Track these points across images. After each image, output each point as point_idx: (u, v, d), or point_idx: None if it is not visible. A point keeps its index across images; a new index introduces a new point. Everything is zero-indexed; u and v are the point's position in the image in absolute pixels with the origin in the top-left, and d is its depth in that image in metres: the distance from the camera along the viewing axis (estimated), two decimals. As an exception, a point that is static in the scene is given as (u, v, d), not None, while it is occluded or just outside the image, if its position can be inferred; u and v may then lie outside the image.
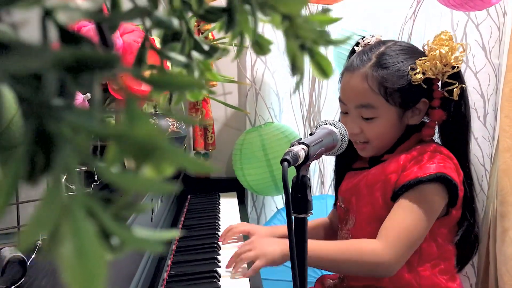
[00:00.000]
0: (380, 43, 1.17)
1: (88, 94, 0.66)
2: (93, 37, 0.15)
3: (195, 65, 0.23)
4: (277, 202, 1.96)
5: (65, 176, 0.15)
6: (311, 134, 0.77)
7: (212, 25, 1.86)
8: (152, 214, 1.08)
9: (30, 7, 0.12)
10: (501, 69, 1.94)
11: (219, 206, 1.68)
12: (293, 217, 0.71)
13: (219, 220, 1.51)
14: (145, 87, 0.90)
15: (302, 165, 0.70)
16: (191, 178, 1.93)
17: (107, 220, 0.13)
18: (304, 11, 1.64)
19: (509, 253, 1.79)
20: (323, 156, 1.92)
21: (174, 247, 1.26)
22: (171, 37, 0.21)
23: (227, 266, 1.08)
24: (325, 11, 0.21)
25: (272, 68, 1.93)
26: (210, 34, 1.85)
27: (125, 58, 0.99)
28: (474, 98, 1.93)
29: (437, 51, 1.06)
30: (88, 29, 0.85)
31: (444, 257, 1.11)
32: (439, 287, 1.09)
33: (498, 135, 1.91)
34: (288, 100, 1.96)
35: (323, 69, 0.23)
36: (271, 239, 1.09)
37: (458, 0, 1.55)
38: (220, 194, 1.85)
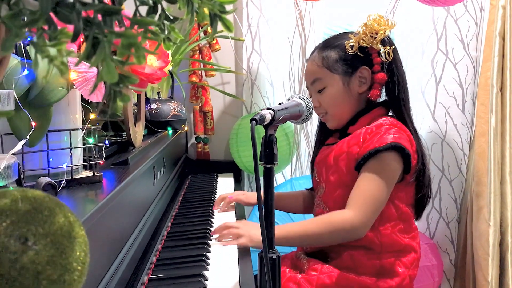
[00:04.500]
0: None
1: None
2: (110, 4, 0.33)
3: (165, 27, 0.40)
4: (271, 182, 2.14)
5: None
6: (280, 104, 0.94)
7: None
8: (154, 179, 1.26)
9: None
10: (478, 61, 2.09)
11: (217, 184, 1.85)
12: (263, 167, 0.89)
13: (215, 194, 1.68)
14: (148, 70, 1.09)
15: (269, 126, 0.87)
16: (192, 160, 2.11)
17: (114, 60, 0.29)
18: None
19: (483, 229, 1.95)
20: (311, 139, 2.06)
21: (174, 213, 1.44)
22: (151, 11, 0.38)
23: (213, 232, 1.20)
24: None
25: (267, 60, 2.10)
26: (209, 28, 2.02)
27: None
28: (453, 87, 2.09)
29: (364, 23, 1.29)
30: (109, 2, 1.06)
31: (403, 218, 1.26)
32: (398, 244, 1.24)
33: (475, 121, 2.07)
34: (281, 89, 2.13)
35: (227, 26, 0.40)
36: (259, 226, 1.17)
37: (430, -4, 1.72)
38: (218, 174, 2.03)
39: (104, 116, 1.25)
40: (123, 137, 1.30)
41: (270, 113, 0.86)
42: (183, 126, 1.78)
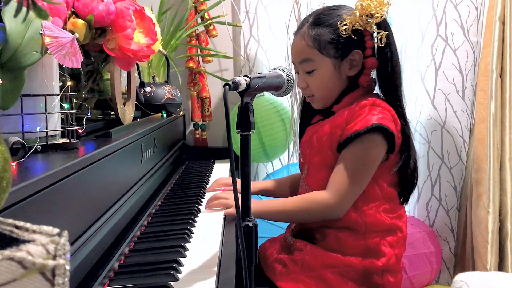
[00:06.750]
0: (323, 7, 1.31)
1: (77, 34, 0.83)
2: None
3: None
4: (268, 168, 2.14)
5: None
6: (259, 73, 0.94)
7: (208, 5, 2.04)
8: (142, 157, 1.26)
9: None
10: (479, 46, 2.06)
11: (212, 169, 1.86)
12: (240, 134, 0.88)
13: (210, 178, 1.69)
14: (134, 46, 1.09)
15: (245, 93, 0.87)
16: (189, 147, 2.12)
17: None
18: None
19: (482, 216, 1.92)
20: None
21: (165, 194, 1.45)
22: None
23: (206, 206, 1.26)
24: None
25: (265, 46, 2.09)
26: (206, 14, 2.03)
27: (117, 22, 1.17)
28: (452, 74, 2.07)
29: (359, 4, 1.21)
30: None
31: (387, 198, 1.24)
32: (383, 224, 1.23)
33: (475, 107, 2.04)
34: (279, 76, 2.12)
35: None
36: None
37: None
38: (216, 160, 2.03)
39: (92, 94, 1.26)
40: (111, 116, 1.31)
41: (245, 80, 0.86)
42: (178, 110, 1.79)
